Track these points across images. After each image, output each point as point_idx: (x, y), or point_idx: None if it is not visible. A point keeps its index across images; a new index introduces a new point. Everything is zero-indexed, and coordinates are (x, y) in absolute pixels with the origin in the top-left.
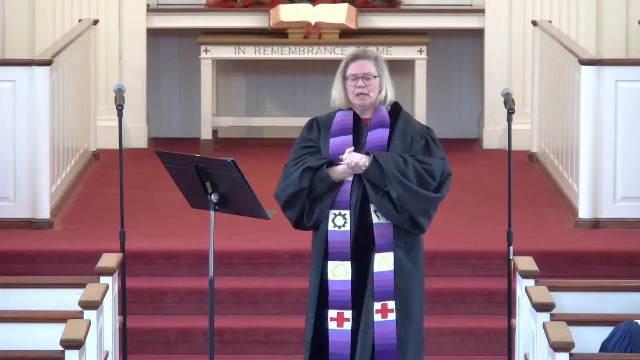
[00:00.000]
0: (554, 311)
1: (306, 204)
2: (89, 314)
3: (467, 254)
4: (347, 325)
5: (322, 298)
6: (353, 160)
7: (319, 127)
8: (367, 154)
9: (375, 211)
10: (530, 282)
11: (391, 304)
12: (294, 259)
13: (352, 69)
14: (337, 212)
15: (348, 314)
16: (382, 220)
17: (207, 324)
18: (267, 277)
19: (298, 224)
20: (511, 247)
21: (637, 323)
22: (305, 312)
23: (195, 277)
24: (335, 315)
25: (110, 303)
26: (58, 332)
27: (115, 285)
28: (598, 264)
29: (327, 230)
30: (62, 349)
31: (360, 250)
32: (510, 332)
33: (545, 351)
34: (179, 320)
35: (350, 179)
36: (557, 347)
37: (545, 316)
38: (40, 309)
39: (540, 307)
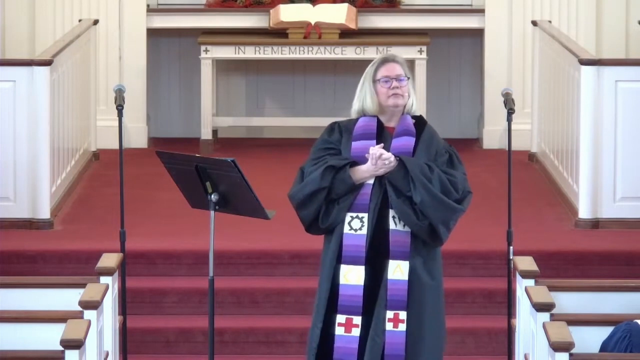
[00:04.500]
0: (554, 311)
1: (323, 205)
2: (89, 314)
3: (467, 254)
4: (355, 332)
5: (331, 302)
6: (378, 151)
7: (341, 130)
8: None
9: (393, 217)
10: (530, 282)
11: (402, 315)
12: (294, 259)
13: (384, 72)
14: (354, 214)
15: (357, 320)
16: (400, 227)
17: (207, 324)
18: (267, 277)
19: (311, 227)
20: (511, 247)
21: (637, 323)
22: (311, 314)
23: (195, 277)
24: (343, 321)
25: (110, 303)
26: (58, 332)
27: (115, 285)
28: (598, 264)
29: (343, 232)
30: (62, 349)
31: (375, 256)
32: (510, 332)
33: (545, 351)
34: (179, 320)
35: (371, 182)
36: (557, 347)
37: (545, 316)
38: (40, 309)
39: (540, 307)
